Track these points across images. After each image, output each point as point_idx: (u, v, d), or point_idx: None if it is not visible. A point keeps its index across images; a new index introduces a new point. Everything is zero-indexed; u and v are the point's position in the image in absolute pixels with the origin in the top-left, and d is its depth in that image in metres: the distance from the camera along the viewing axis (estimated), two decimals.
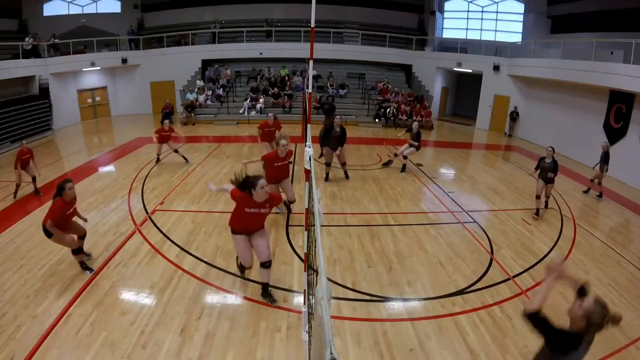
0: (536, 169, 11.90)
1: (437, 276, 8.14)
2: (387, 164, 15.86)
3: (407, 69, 29.92)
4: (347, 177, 14.02)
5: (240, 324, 6.45)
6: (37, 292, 7.10)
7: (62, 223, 7.34)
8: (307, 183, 4.81)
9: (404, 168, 15.17)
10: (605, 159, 13.62)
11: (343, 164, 13.95)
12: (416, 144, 14.80)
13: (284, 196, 10.07)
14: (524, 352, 6.15)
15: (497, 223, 10.99)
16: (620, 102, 16.97)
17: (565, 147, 19.47)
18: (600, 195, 13.83)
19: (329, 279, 7.10)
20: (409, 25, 31.39)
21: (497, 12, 28.72)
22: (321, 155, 13.78)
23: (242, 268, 7.65)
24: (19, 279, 7.50)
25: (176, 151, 15.25)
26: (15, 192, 11.70)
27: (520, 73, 23.18)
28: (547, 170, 11.48)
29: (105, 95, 26.26)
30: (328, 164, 13.73)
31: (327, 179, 13.66)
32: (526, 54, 23.09)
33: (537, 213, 11.58)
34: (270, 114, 14.75)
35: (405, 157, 15.12)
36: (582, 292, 4.25)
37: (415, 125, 14.96)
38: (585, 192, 14.29)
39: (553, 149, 11.66)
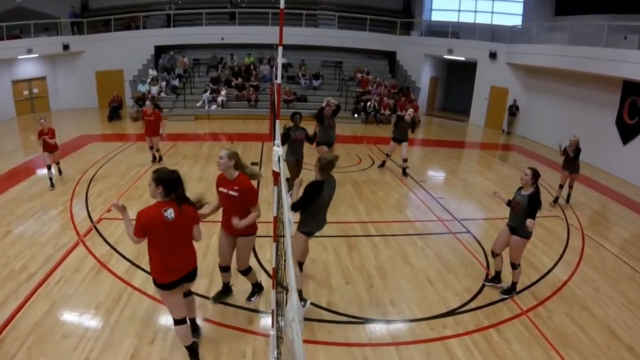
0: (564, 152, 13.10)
1: (424, 294, 8.21)
2: (382, 165, 16.10)
3: (390, 56, 30.18)
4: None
5: (199, 349, 6.42)
6: None
7: None
8: (275, 187, 4.83)
9: (383, 163, 16.03)
10: (574, 157, 13.12)
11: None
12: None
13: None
14: None
15: (493, 233, 10.98)
16: (635, 94, 17.15)
17: None
18: (567, 200, 13.76)
19: (300, 298, 7.11)
20: (393, 6, 31.75)
21: None
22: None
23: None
24: None
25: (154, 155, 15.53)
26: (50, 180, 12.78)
27: (520, 61, 23.53)
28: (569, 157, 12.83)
29: (44, 86, 25.90)
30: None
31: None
32: (527, 39, 23.43)
33: (555, 201, 13.26)
34: (148, 102, 14.87)
35: (404, 160, 15.26)
36: None
37: (408, 115, 15.23)
38: (554, 202, 13.62)
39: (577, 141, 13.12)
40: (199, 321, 6.79)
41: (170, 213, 5.29)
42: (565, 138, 12.50)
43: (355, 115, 25.38)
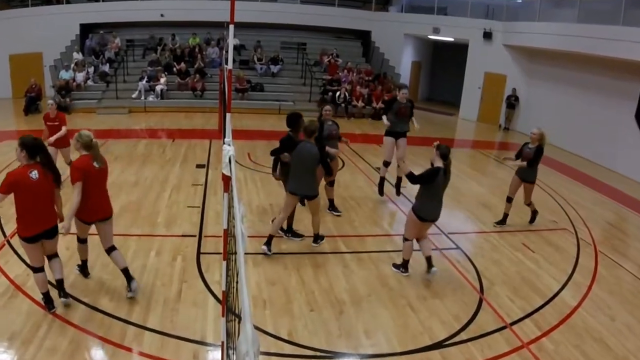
0: (517, 157, 12.10)
1: (405, 323, 8.24)
2: (381, 187, 13.93)
3: (364, 37, 30.37)
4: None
5: None
6: None
7: None
8: (225, 194, 4.84)
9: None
10: (534, 159, 11.86)
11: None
12: None
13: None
14: None
15: (488, 249, 11.27)
16: None
17: (582, 144, 20.09)
18: (532, 219, 12.87)
19: (256, 327, 7.10)
20: None
21: None
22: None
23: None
24: None
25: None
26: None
27: (520, 42, 23.89)
28: (527, 160, 11.69)
29: None
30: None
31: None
32: (529, 16, 23.78)
33: (500, 221, 12.38)
34: (50, 101, 13.19)
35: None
36: None
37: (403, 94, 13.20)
38: (500, 222, 12.61)
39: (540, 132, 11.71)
40: None
41: (35, 174, 6.97)
42: (573, 134, 12.56)
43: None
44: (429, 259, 9.40)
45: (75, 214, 7.66)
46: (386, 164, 13.38)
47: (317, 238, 10.63)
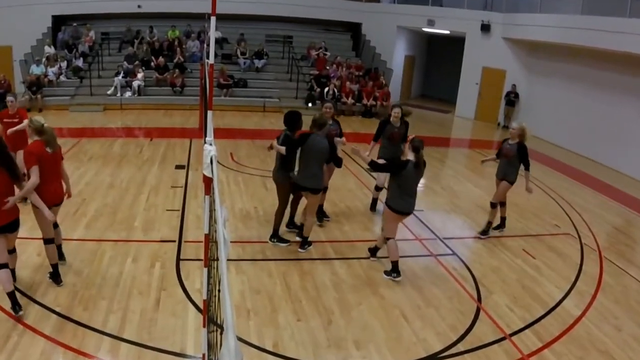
0: (497, 156, 12.01)
1: (398, 334, 8.24)
2: (373, 205, 13.73)
3: (354, 29, 30.42)
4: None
5: None
6: None
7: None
8: (207, 197, 4.83)
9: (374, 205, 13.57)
10: (520, 159, 11.69)
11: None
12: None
13: None
14: None
15: (486, 256, 11.30)
16: None
17: (585, 143, 20.20)
18: (500, 225, 12.45)
19: (239, 339, 7.09)
20: None
21: None
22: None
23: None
24: None
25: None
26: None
27: (520, 35, 24.00)
28: (507, 157, 11.57)
29: None
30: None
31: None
32: (530, 8, 23.82)
33: (483, 232, 12.07)
34: (10, 98, 12.69)
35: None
36: None
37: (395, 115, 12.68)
38: (484, 233, 12.23)
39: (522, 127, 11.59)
40: None
41: None
42: (576, 133, 12.57)
43: (309, 104, 25.39)
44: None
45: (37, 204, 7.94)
46: (378, 188, 13.22)
47: (305, 244, 10.65)
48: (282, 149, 10.09)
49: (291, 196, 10.86)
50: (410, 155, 9.40)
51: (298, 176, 10.26)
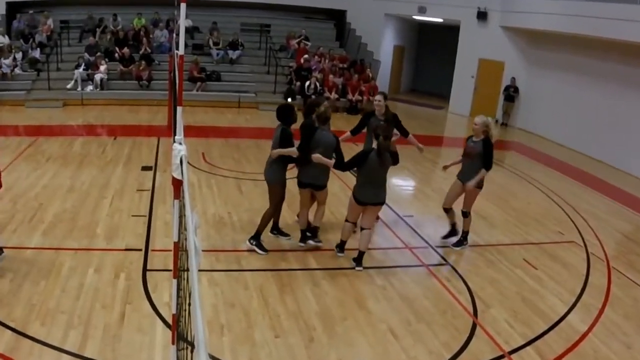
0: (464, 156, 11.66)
1: (386, 351, 8.23)
2: None
3: (337, 17, 30.49)
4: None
5: None
6: None
7: None
8: (176, 201, 4.80)
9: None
10: (486, 156, 11.18)
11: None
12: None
13: None
14: None
15: (483, 266, 11.29)
16: None
17: (591, 142, 20.30)
18: (463, 239, 11.99)
19: (211, 357, 7.05)
20: None
21: None
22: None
23: None
24: None
25: None
26: None
27: (520, 24, 24.14)
28: (471, 157, 11.28)
29: None
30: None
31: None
32: None
33: (456, 243, 11.78)
34: None
35: None
36: None
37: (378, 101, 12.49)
38: (456, 242, 12.02)
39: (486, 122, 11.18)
40: None
41: None
42: (581, 131, 12.57)
43: (289, 99, 25.19)
44: (360, 254, 10.47)
45: None
46: None
47: (313, 235, 11.22)
48: (293, 151, 10.27)
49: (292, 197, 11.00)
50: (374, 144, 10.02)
51: (302, 173, 10.60)
